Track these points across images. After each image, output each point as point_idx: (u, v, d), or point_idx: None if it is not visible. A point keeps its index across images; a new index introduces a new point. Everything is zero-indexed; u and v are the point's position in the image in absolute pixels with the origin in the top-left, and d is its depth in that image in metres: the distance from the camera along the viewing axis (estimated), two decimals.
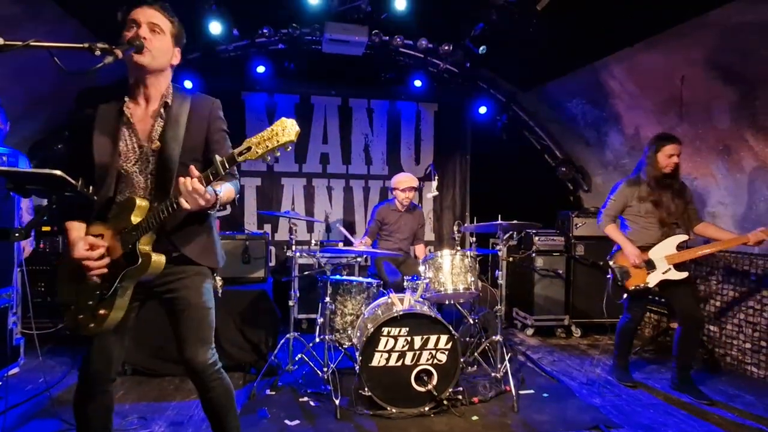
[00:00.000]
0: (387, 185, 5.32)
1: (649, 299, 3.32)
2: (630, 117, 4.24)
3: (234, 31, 4.16)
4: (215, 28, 3.90)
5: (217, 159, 1.47)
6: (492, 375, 3.20)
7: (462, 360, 2.88)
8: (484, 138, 5.49)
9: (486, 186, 5.36)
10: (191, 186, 1.45)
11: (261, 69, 4.75)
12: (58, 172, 1.34)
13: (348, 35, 4.19)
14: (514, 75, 4.97)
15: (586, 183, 5.30)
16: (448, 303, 3.49)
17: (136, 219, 1.60)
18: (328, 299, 3.13)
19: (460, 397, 2.87)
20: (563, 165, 5.29)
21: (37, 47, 1.33)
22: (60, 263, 1.75)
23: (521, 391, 3.08)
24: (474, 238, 3.75)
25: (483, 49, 4.26)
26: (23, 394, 2.90)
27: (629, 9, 3.13)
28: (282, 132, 1.40)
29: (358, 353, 2.83)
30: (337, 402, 2.74)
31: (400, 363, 2.78)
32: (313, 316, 4.19)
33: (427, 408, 2.77)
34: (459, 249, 3.22)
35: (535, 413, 2.82)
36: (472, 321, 3.53)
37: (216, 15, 3.84)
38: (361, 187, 5.42)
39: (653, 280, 3.06)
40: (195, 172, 1.48)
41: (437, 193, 3.83)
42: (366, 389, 2.73)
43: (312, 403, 2.90)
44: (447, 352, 2.81)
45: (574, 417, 2.79)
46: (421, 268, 3.26)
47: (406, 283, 3.27)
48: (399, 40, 4.45)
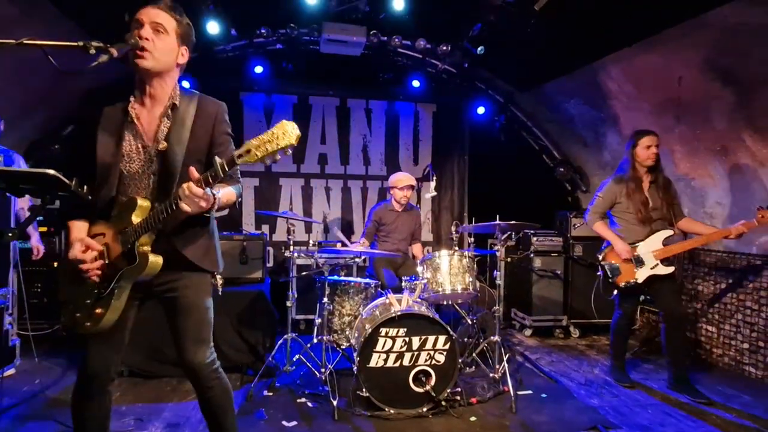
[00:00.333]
0: (385, 186, 5.31)
1: (640, 296, 3.35)
2: (628, 118, 4.25)
3: (232, 31, 4.14)
4: (213, 28, 3.89)
5: (217, 161, 1.46)
6: (490, 376, 3.19)
7: (460, 361, 2.88)
8: (482, 138, 5.49)
9: (484, 186, 5.36)
10: (188, 191, 1.45)
11: (259, 69, 4.75)
12: (51, 171, 1.33)
13: (346, 35, 4.19)
14: (512, 75, 4.97)
15: (584, 183, 5.30)
16: (446, 303, 3.48)
17: (136, 219, 1.60)
18: (326, 300, 3.12)
19: (458, 398, 2.87)
20: (561, 165, 5.29)
21: (31, 45, 1.32)
22: (61, 262, 1.75)
23: (519, 392, 3.08)
24: (472, 238, 3.75)
25: (481, 50, 4.26)
26: (19, 395, 2.88)
27: (627, 10, 3.13)
28: (282, 135, 1.39)
29: (355, 354, 2.83)
30: (335, 403, 2.73)
31: (398, 364, 2.78)
32: (311, 316, 4.17)
33: (425, 409, 2.77)
34: (457, 249, 3.22)
35: (534, 414, 2.82)
36: (470, 321, 3.53)
37: (213, 15, 3.83)
38: (360, 188, 5.41)
39: (642, 275, 3.09)
40: (195, 173, 1.47)
41: (435, 194, 3.82)
42: (364, 390, 2.72)
43: (310, 404, 2.89)
44: (445, 352, 2.81)
45: (572, 418, 2.78)
46: (419, 268, 3.25)
47: (404, 284, 3.26)
48: (397, 40, 4.44)
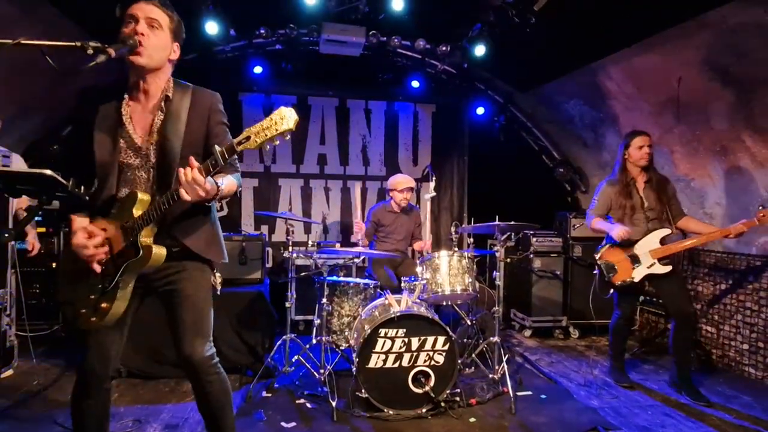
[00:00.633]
0: (385, 186, 5.30)
1: (639, 296, 3.34)
2: (627, 118, 4.24)
3: (231, 32, 4.14)
4: (212, 28, 3.89)
5: (217, 149, 1.47)
6: (489, 376, 3.18)
7: (459, 361, 2.87)
8: (481, 139, 5.49)
9: (484, 187, 5.36)
10: (190, 176, 1.45)
11: (258, 69, 4.74)
12: (48, 172, 1.33)
13: (345, 36, 4.18)
14: (511, 76, 4.97)
15: (583, 184, 5.30)
16: (445, 304, 3.48)
17: (137, 212, 1.60)
18: (325, 300, 3.12)
19: (457, 399, 2.86)
20: (561, 166, 5.29)
21: (28, 45, 1.32)
22: (61, 261, 1.75)
23: (519, 393, 3.07)
24: (472, 239, 3.74)
25: (481, 50, 4.26)
26: (17, 396, 2.87)
27: (627, 10, 3.13)
28: (280, 121, 1.42)
29: (355, 355, 2.82)
30: (334, 404, 2.73)
31: (397, 364, 2.77)
32: (310, 317, 4.16)
33: (425, 410, 2.76)
34: (456, 250, 3.21)
35: (533, 415, 2.81)
36: (469, 322, 3.52)
37: (213, 15, 3.83)
38: (359, 188, 5.38)
39: (638, 274, 3.09)
40: (194, 162, 1.48)
41: (435, 194, 3.81)
42: (363, 391, 2.72)
43: (309, 405, 2.88)
44: (444, 353, 2.80)
45: (571, 419, 2.78)
46: (419, 269, 3.24)
47: (403, 284, 3.26)
48: (396, 40, 4.44)
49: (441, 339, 2.80)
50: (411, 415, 2.73)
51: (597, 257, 3.24)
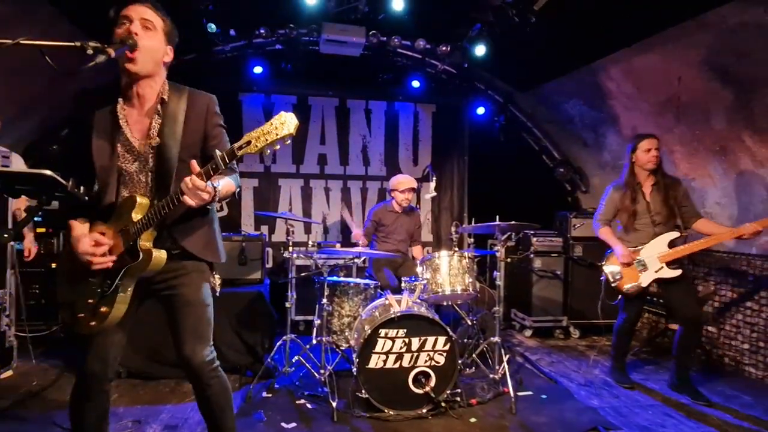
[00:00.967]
0: (385, 186, 5.30)
1: (646, 300, 3.32)
2: (627, 118, 4.24)
3: (231, 32, 4.14)
4: (212, 28, 3.88)
5: (218, 153, 1.47)
6: (490, 376, 3.18)
7: (460, 361, 2.87)
8: (482, 139, 5.49)
9: (484, 187, 5.35)
10: (191, 183, 1.46)
11: (258, 70, 4.74)
12: (47, 172, 1.32)
13: (345, 36, 4.18)
14: (511, 76, 4.97)
15: (584, 184, 5.30)
16: (446, 304, 3.47)
17: (136, 216, 1.60)
18: (325, 301, 3.11)
19: (458, 399, 2.86)
20: (561, 166, 5.29)
21: (28, 45, 1.31)
22: (59, 262, 1.74)
23: (519, 393, 3.07)
24: (472, 239, 3.74)
25: (481, 50, 4.26)
26: (16, 397, 2.86)
27: (627, 10, 3.13)
28: (281, 125, 1.42)
29: (355, 355, 2.82)
30: (334, 404, 2.72)
31: (397, 365, 2.77)
32: (310, 317, 4.15)
33: (425, 410, 2.76)
34: (457, 250, 3.21)
35: (534, 415, 2.81)
36: (470, 322, 3.52)
37: (212, 15, 3.82)
38: (359, 188, 5.40)
39: (645, 279, 3.07)
40: (196, 167, 1.48)
41: (435, 194, 3.81)
42: (363, 391, 2.71)
43: (309, 406, 2.88)
44: (445, 353, 2.80)
45: (572, 419, 2.78)
46: (419, 269, 3.24)
47: (404, 284, 3.25)
48: (397, 40, 4.43)
49: (441, 339, 2.80)
50: (411, 416, 2.73)
51: (603, 264, 3.23)
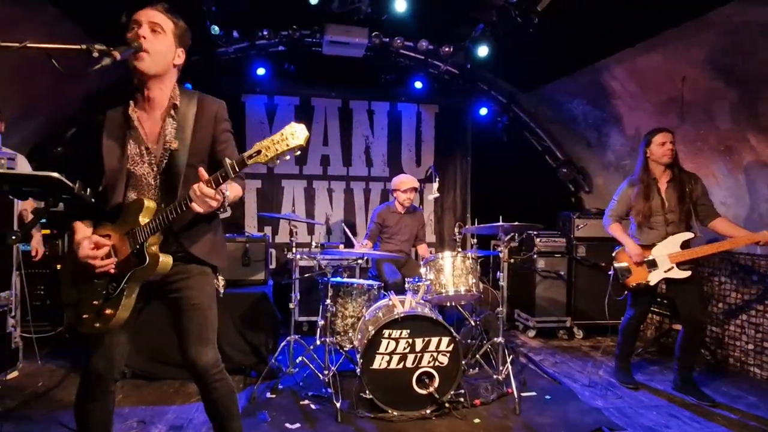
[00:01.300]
0: (388, 187, 5.30)
1: (654, 298, 3.30)
2: (631, 118, 4.23)
3: (233, 33, 4.15)
4: (215, 30, 3.89)
5: (227, 162, 1.49)
6: (494, 377, 3.18)
7: (463, 362, 2.86)
8: (484, 139, 5.49)
9: (487, 187, 5.34)
10: (200, 191, 1.47)
11: (261, 71, 4.76)
12: (55, 174, 1.33)
13: (348, 37, 4.19)
14: (514, 76, 4.96)
15: (587, 184, 5.29)
16: (449, 305, 3.47)
17: (144, 219, 1.61)
18: (328, 301, 3.11)
19: (461, 400, 2.85)
20: (564, 166, 5.28)
21: (35, 48, 1.32)
22: (63, 264, 1.75)
23: (523, 394, 3.06)
24: (475, 239, 3.73)
25: (483, 51, 4.26)
26: (22, 398, 2.88)
27: (630, 9, 3.12)
28: (291, 136, 1.44)
29: (359, 356, 2.82)
30: (338, 405, 2.73)
31: (401, 365, 2.77)
32: (314, 318, 4.17)
33: (429, 411, 2.76)
34: (460, 251, 3.21)
35: (537, 416, 2.81)
36: (473, 323, 3.52)
37: (215, 17, 3.83)
38: (362, 189, 5.41)
39: (654, 278, 3.04)
40: (204, 174, 1.49)
41: (438, 195, 3.81)
42: (367, 392, 2.71)
43: (313, 406, 2.88)
44: (448, 354, 2.80)
45: (576, 419, 2.77)
46: (422, 269, 3.24)
47: (407, 285, 3.26)
48: (399, 41, 4.44)
49: (445, 340, 2.80)
50: (415, 416, 2.73)
51: (613, 258, 3.21)
